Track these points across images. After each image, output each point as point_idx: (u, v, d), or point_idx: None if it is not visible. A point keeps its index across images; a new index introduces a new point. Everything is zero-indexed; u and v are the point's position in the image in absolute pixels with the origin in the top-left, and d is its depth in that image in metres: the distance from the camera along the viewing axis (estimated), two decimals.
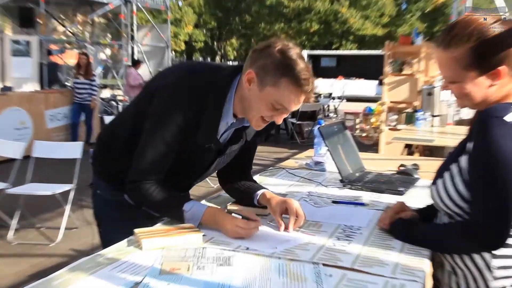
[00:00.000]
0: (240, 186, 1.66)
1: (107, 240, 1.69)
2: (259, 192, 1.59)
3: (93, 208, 1.75)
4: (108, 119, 5.34)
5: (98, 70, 12.36)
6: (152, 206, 1.46)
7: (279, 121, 1.43)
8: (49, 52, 10.52)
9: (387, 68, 6.47)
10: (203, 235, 1.34)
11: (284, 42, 1.37)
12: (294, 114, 9.32)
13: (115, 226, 1.64)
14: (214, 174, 1.72)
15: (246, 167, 1.73)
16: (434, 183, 1.30)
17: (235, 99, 1.43)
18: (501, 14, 1.25)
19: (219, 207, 1.53)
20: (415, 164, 2.33)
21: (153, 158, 1.41)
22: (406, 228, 1.37)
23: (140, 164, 1.43)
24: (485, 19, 1.19)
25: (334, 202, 1.76)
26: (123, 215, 1.62)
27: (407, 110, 6.51)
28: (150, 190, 1.42)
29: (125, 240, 1.34)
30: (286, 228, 1.43)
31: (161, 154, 1.41)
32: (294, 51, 1.35)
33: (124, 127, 1.55)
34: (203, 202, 1.64)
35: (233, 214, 1.41)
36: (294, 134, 9.29)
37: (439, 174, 1.29)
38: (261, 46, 1.39)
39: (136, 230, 1.34)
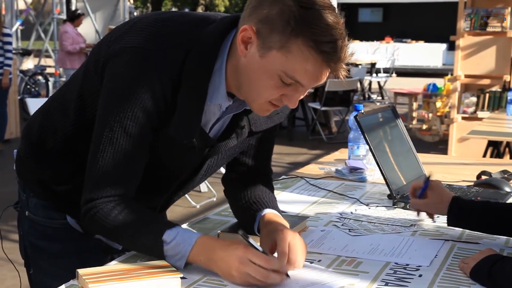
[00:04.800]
0: (245, 200, 1.67)
1: (40, 287, 1.72)
2: (263, 212, 1.61)
3: (19, 238, 1.77)
4: (33, 103, 5.34)
5: (15, 27, 12.38)
6: (115, 235, 1.46)
7: (292, 103, 1.42)
8: None
9: (462, 24, 6.47)
10: (182, 278, 1.36)
11: None
12: (317, 96, 9.33)
13: (52, 265, 1.66)
14: (197, 187, 1.72)
15: (261, 166, 1.72)
16: None
17: (227, 69, 1.45)
18: None
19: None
20: (505, 171, 2.35)
21: (114, 162, 1.42)
22: (503, 268, 1.36)
23: (95, 174, 1.43)
24: None
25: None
26: (66, 248, 1.63)
27: (492, 89, 6.52)
28: (113, 212, 1.42)
29: (63, 286, 1.35)
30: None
31: (126, 155, 1.42)
32: None
33: (64, 117, 1.57)
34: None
35: (250, 241, 1.37)
36: (318, 126, 9.31)
37: None
38: None
39: (81, 271, 1.35)
